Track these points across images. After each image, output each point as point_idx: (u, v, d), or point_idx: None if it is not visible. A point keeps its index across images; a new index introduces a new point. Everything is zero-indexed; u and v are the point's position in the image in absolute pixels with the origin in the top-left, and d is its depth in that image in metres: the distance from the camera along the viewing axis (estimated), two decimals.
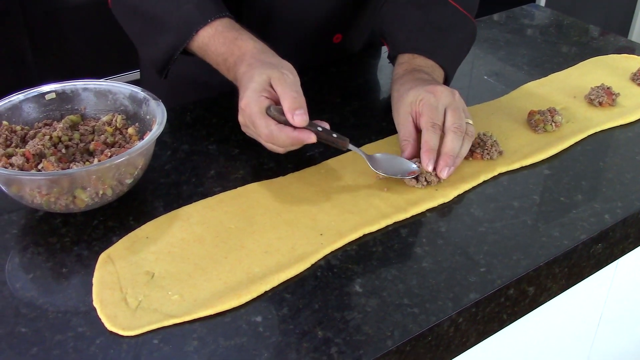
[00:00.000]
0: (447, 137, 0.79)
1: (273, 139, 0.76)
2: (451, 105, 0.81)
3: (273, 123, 0.75)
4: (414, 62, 0.92)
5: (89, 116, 0.83)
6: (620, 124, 0.94)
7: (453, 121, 0.80)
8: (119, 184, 0.73)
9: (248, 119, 0.77)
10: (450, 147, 0.78)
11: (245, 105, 0.76)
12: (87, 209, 0.73)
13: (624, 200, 0.79)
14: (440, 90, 0.82)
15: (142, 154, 0.74)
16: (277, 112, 0.75)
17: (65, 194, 0.70)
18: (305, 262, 0.68)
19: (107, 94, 0.83)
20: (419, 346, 0.62)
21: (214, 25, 0.84)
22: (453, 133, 0.79)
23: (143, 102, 0.81)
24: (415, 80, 0.86)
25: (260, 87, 0.76)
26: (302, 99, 0.75)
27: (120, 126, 0.80)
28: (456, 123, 0.80)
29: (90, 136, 0.79)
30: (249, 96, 0.75)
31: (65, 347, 0.59)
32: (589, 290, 0.88)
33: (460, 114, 0.81)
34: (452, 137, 0.79)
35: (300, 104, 0.74)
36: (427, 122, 0.80)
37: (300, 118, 0.74)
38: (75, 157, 0.76)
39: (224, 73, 0.85)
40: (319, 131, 0.77)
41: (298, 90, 0.76)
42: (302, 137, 0.75)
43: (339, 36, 1.08)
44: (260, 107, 0.75)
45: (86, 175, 0.70)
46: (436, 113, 0.80)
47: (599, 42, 1.20)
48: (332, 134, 0.78)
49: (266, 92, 0.76)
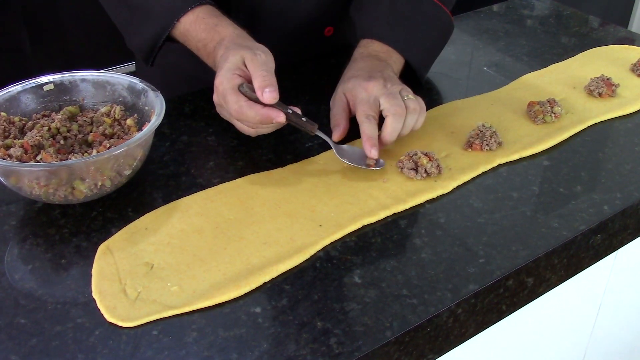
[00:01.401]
0: (387, 121, 0.81)
1: (242, 115, 0.77)
2: (383, 94, 0.83)
3: (243, 99, 0.76)
4: (371, 46, 0.93)
5: (88, 107, 0.83)
6: (619, 114, 0.94)
7: (389, 106, 0.81)
8: (117, 175, 0.73)
9: (221, 96, 0.78)
10: (389, 130, 0.81)
11: (219, 83, 0.78)
12: (86, 200, 0.73)
13: (623, 191, 0.79)
14: (371, 84, 0.84)
15: (141, 145, 0.74)
16: (249, 89, 0.77)
17: (63, 185, 0.70)
18: (305, 253, 0.68)
19: (106, 85, 0.83)
20: (418, 337, 0.62)
21: (195, 12, 0.86)
22: (392, 116, 0.81)
23: (142, 93, 0.81)
24: (360, 69, 0.88)
25: (234, 66, 0.77)
26: (273, 78, 0.76)
27: (118, 117, 0.80)
28: (392, 107, 0.81)
29: (89, 127, 0.79)
30: (223, 74, 0.77)
31: (64, 338, 0.59)
32: (588, 281, 0.88)
33: (395, 98, 0.82)
34: (392, 120, 0.81)
35: (270, 82, 0.76)
36: (362, 115, 0.82)
37: (270, 95, 0.75)
38: (73, 148, 0.76)
39: (204, 59, 0.86)
40: (289, 113, 0.78)
41: (269, 70, 0.77)
42: (270, 114, 0.76)
43: (330, 29, 1.08)
44: (232, 83, 0.77)
45: (85, 167, 0.69)
46: (368, 106, 0.82)
47: (599, 33, 1.20)
48: (302, 118, 0.79)
49: (239, 70, 0.77)
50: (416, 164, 0.79)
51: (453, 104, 0.96)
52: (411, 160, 0.79)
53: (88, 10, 1.83)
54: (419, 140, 0.86)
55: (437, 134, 0.88)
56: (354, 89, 0.85)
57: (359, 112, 0.83)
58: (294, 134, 0.88)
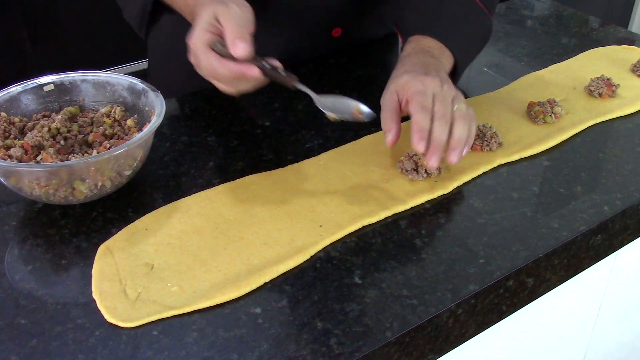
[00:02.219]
0: (434, 125, 0.76)
1: (214, 72, 0.73)
2: (439, 94, 0.78)
3: (214, 56, 0.72)
4: (423, 42, 0.89)
5: (88, 108, 0.83)
6: (620, 115, 0.94)
7: (437, 109, 0.77)
8: (117, 175, 0.73)
9: (194, 56, 0.75)
10: (436, 135, 0.75)
11: (192, 43, 0.74)
12: (86, 201, 0.73)
13: (623, 191, 0.79)
14: (429, 79, 0.79)
15: (141, 146, 0.74)
16: (222, 45, 0.73)
17: (64, 185, 0.70)
18: (305, 254, 0.68)
19: (106, 86, 0.83)
20: (418, 337, 0.62)
21: None
22: (438, 121, 0.76)
23: (142, 94, 0.81)
24: (415, 64, 0.84)
25: (206, 22, 0.74)
26: (245, 31, 0.72)
27: (119, 118, 0.80)
28: (440, 111, 0.77)
29: (89, 127, 0.79)
30: (195, 33, 0.74)
31: (64, 339, 0.59)
32: (588, 282, 0.88)
33: (447, 103, 0.78)
34: (437, 125, 0.76)
35: (242, 35, 0.72)
36: (417, 105, 0.77)
37: (240, 47, 0.71)
38: (74, 148, 0.76)
39: (189, 19, 0.83)
40: (265, 67, 0.73)
41: (241, 23, 0.73)
42: (243, 70, 0.72)
43: (338, 30, 1.07)
44: (203, 41, 0.73)
45: (85, 167, 0.69)
46: (425, 98, 0.77)
47: (599, 33, 1.20)
48: (280, 71, 0.74)
49: (212, 27, 0.74)
50: (416, 165, 0.79)
51: None
52: (411, 160, 0.79)
53: (88, 10, 1.83)
54: None
55: None
56: (409, 81, 0.79)
57: (415, 103, 0.77)
58: (294, 135, 0.88)
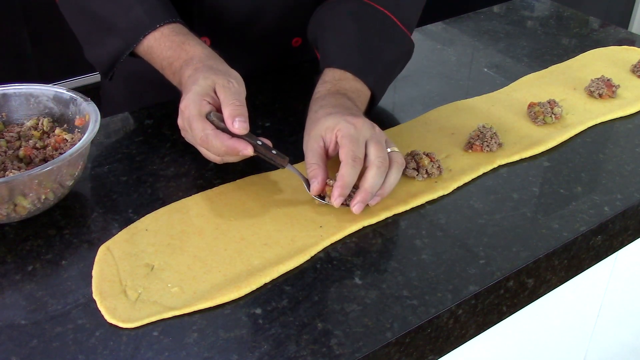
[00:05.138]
0: (370, 172, 0.72)
1: (208, 144, 0.73)
2: (373, 138, 0.74)
3: (210, 127, 0.72)
4: (339, 84, 0.85)
5: (12, 122, 0.81)
6: (620, 115, 0.94)
7: (377, 155, 0.73)
8: (60, 186, 0.72)
9: (186, 122, 0.74)
10: (370, 183, 0.72)
11: (184, 107, 0.74)
12: (29, 216, 0.72)
13: (623, 192, 0.79)
14: (360, 122, 0.75)
15: (82, 154, 0.73)
16: (217, 118, 0.73)
17: (5, 202, 0.68)
18: (305, 254, 0.68)
19: (29, 98, 0.80)
20: (418, 338, 0.62)
21: (161, 30, 0.82)
22: (377, 168, 0.72)
23: (70, 103, 0.79)
24: (335, 106, 0.79)
25: (204, 91, 0.73)
26: (245, 109, 0.73)
27: (47, 129, 0.79)
28: (380, 157, 0.73)
29: (18, 142, 0.77)
30: (190, 98, 0.73)
31: (64, 339, 0.59)
32: (588, 282, 0.88)
33: (382, 146, 0.74)
34: (375, 173, 0.72)
35: (242, 112, 0.72)
36: (348, 155, 0.72)
37: (240, 125, 0.71)
38: (5, 165, 0.73)
39: (169, 77, 0.82)
40: (258, 145, 0.73)
41: (241, 100, 0.73)
42: (237, 146, 0.72)
43: (298, 40, 1.04)
44: (200, 110, 0.73)
45: (28, 181, 0.68)
46: (357, 146, 0.73)
47: (599, 34, 1.20)
48: (272, 150, 0.74)
49: (209, 97, 0.74)
50: (417, 165, 0.79)
51: (453, 105, 0.96)
52: (413, 160, 0.79)
53: None
54: (419, 142, 0.86)
55: (438, 135, 0.88)
56: (338, 124, 0.75)
57: (345, 150, 0.72)
58: (294, 135, 0.88)
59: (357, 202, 0.72)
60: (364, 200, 0.72)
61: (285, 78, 1.03)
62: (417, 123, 0.91)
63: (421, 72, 1.05)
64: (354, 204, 0.72)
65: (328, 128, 0.75)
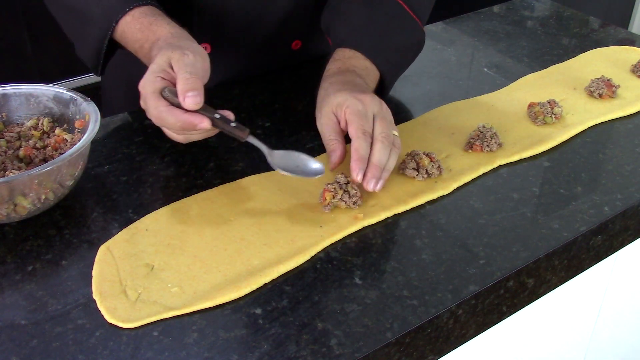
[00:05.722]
0: (375, 147, 0.74)
1: (162, 121, 0.71)
2: (379, 114, 0.77)
3: (163, 104, 0.70)
4: (349, 62, 0.87)
5: (13, 122, 0.81)
6: (620, 115, 0.94)
7: (381, 130, 0.76)
8: (59, 186, 0.72)
9: (143, 101, 0.73)
10: (377, 158, 0.74)
11: (141, 87, 0.73)
12: (29, 216, 0.72)
13: (623, 192, 0.79)
14: (368, 98, 0.78)
15: (82, 154, 0.73)
16: (171, 93, 0.71)
17: (5, 202, 0.68)
18: (305, 255, 0.68)
19: (29, 98, 0.80)
20: (418, 338, 0.62)
21: (132, 13, 0.81)
22: (381, 142, 0.74)
23: (70, 103, 0.79)
24: (345, 83, 0.81)
25: (159, 68, 0.72)
26: (198, 81, 0.71)
27: (47, 129, 0.79)
28: (384, 132, 0.75)
29: (18, 142, 0.77)
30: (145, 78, 0.72)
31: (64, 339, 0.59)
32: (588, 283, 0.88)
33: (387, 124, 0.77)
34: (380, 147, 0.74)
35: (194, 86, 0.70)
36: (358, 130, 0.75)
37: (192, 100, 0.69)
38: (5, 165, 0.73)
39: (143, 61, 0.81)
40: (215, 118, 0.72)
41: (194, 71, 0.71)
42: (192, 120, 0.70)
43: (298, 42, 1.04)
44: (153, 87, 0.71)
45: (28, 181, 0.68)
46: (366, 120, 0.76)
47: (599, 34, 1.20)
48: (230, 123, 0.72)
49: (164, 72, 0.72)
50: (417, 165, 0.79)
51: (453, 105, 0.96)
52: (413, 160, 0.79)
53: None
54: (419, 142, 0.86)
55: (438, 135, 0.88)
56: (347, 101, 0.77)
57: (355, 126, 0.75)
58: (294, 135, 0.88)
59: (370, 179, 0.73)
60: (375, 176, 0.73)
61: (285, 78, 1.03)
62: (417, 123, 0.91)
63: (421, 72, 1.05)
64: (368, 181, 0.73)
65: (338, 105, 0.78)
